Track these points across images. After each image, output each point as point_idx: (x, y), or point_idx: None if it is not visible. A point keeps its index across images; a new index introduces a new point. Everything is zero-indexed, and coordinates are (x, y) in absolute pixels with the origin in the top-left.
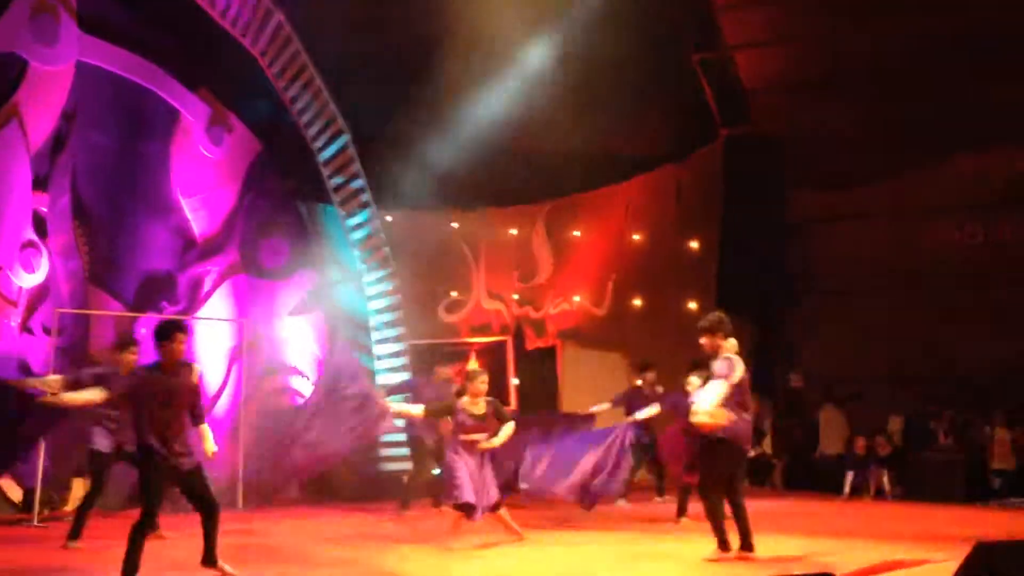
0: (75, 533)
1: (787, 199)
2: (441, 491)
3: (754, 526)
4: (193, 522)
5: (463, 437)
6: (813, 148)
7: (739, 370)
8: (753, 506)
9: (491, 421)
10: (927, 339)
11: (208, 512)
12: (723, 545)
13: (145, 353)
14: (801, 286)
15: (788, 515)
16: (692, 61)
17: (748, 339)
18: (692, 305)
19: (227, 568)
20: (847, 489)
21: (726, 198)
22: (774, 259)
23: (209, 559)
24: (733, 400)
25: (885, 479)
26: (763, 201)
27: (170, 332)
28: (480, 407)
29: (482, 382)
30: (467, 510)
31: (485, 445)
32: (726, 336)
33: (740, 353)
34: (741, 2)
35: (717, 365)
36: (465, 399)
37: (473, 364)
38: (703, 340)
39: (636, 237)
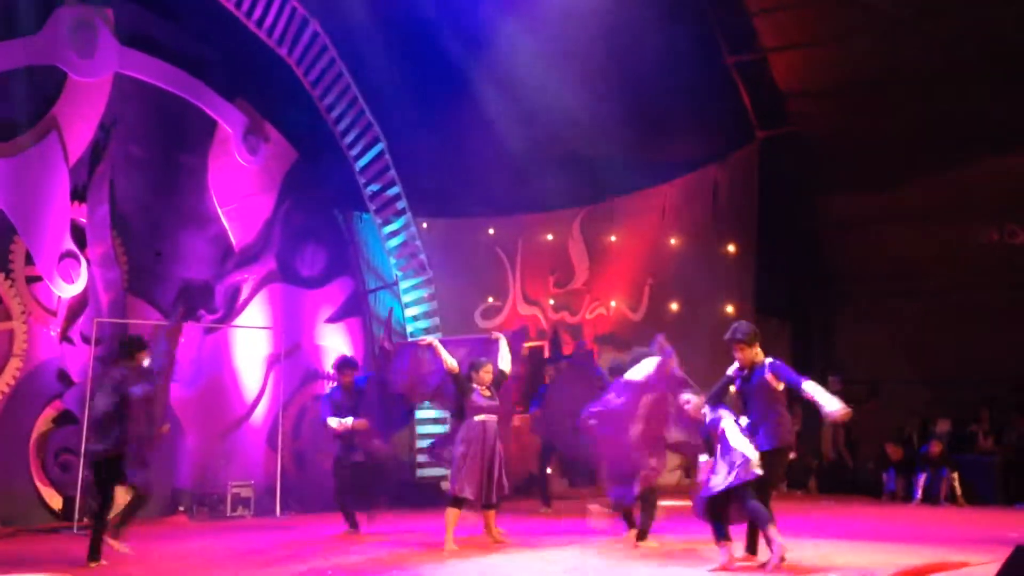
0: None
1: (824, 201)
2: None
3: (800, 531)
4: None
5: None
6: (849, 150)
7: None
8: (803, 510)
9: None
10: (965, 341)
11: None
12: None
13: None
14: (838, 289)
15: (835, 520)
16: (727, 64)
17: (785, 342)
18: (729, 309)
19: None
20: (919, 494)
21: (763, 201)
22: (811, 262)
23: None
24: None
25: (956, 483)
26: (800, 203)
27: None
28: (488, 391)
29: (487, 371)
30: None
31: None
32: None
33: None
34: (775, 5)
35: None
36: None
37: None
38: (742, 352)
39: (673, 241)
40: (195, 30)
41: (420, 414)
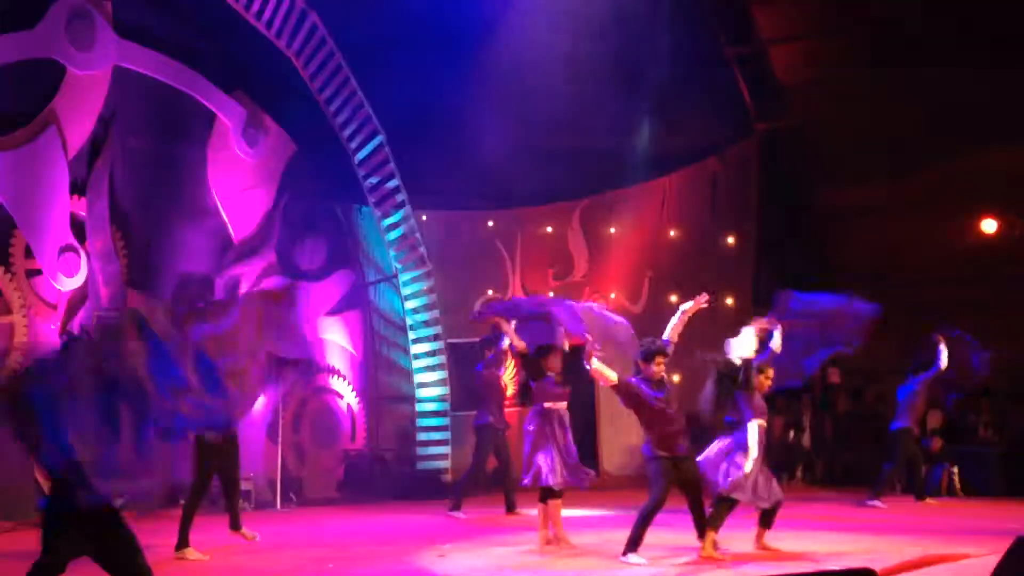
0: None
1: (822, 194)
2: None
3: (800, 521)
4: None
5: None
6: (848, 142)
7: None
8: (803, 501)
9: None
10: (965, 332)
11: None
12: None
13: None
14: (836, 281)
15: (833, 512)
16: (727, 56)
17: None
18: (729, 301)
19: None
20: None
21: (761, 193)
22: (809, 254)
23: None
24: None
25: (955, 477)
26: (798, 196)
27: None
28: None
29: (556, 357)
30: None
31: None
32: None
33: None
34: None
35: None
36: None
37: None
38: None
39: (672, 233)
40: (193, 22)
41: (420, 406)
